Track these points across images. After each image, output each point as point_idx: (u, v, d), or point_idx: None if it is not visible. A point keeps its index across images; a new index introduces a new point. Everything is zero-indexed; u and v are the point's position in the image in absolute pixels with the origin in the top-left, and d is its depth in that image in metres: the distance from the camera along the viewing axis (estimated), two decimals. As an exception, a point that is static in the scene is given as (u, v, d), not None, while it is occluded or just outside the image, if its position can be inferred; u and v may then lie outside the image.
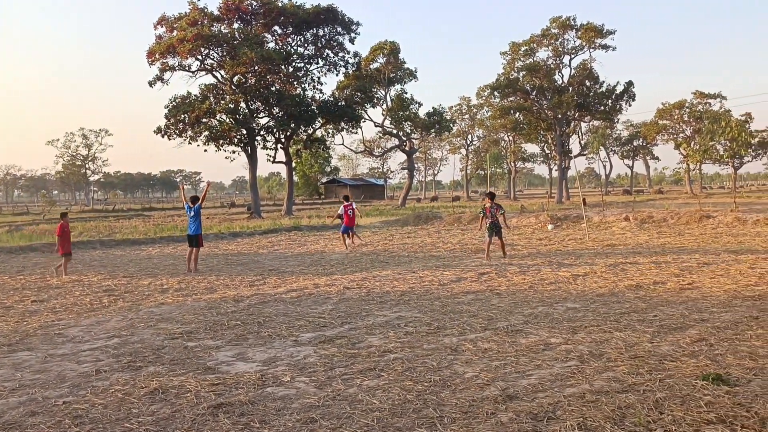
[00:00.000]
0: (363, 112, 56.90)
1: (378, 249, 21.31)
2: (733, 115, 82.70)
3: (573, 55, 68.78)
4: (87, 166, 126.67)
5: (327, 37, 49.00)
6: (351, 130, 55.56)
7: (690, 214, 28.53)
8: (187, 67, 46.08)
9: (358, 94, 54.65)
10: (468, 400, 5.84)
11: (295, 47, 48.79)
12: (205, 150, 47.00)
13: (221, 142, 45.81)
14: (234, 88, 45.33)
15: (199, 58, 45.24)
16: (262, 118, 48.25)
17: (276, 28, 47.81)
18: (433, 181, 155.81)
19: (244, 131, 46.48)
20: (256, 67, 43.69)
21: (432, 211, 41.88)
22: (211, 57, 45.79)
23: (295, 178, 70.22)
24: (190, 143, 45.82)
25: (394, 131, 64.82)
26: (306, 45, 49.12)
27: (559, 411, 5.51)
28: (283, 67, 45.70)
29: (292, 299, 11.54)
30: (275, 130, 48.27)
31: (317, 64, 49.88)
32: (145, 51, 45.28)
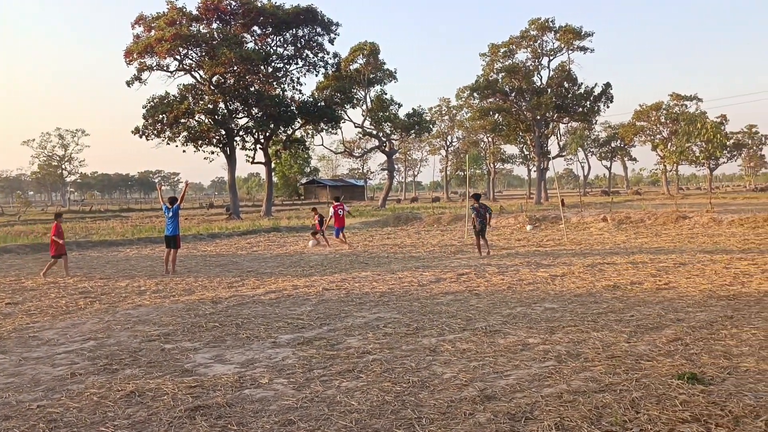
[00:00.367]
0: (343, 112, 56.83)
1: (358, 250, 21.30)
2: (709, 117, 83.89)
3: (551, 57, 69.32)
4: (63, 167, 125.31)
5: (306, 37, 48.85)
6: (331, 130, 55.46)
7: (667, 214, 28.85)
8: (165, 67, 45.73)
9: (338, 94, 54.59)
10: (446, 401, 5.85)
11: (274, 47, 48.59)
12: (184, 151, 46.82)
13: (200, 142, 45.49)
14: (213, 88, 45.05)
15: (178, 58, 44.88)
16: (241, 118, 48.01)
17: (255, 28, 47.59)
18: (413, 182, 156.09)
19: (223, 132, 46.21)
20: (235, 68, 43.47)
21: (412, 211, 41.98)
22: (190, 57, 45.47)
23: (274, 179, 69.92)
24: (169, 144, 45.44)
25: (374, 132, 64.88)
26: (285, 45, 48.94)
27: (537, 411, 5.54)
28: (262, 67, 45.51)
29: (271, 301, 11.49)
30: (254, 131, 48.04)
31: (297, 64, 49.72)
32: (123, 50, 44.91)
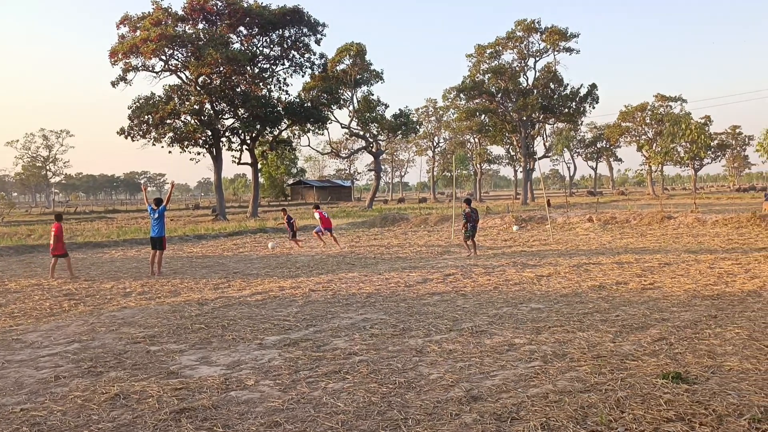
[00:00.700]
0: (329, 113, 56.83)
1: (344, 251, 21.28)
2: (693, 117, 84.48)
3: (537, 58, 69.67)
4: (48, 168, 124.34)
5: (293, 38, 48.73)
6: (317, 131, 55.35)
7: (652, 215, 29.02)
8: (150, 68, 45.47)
9: (325, 95, 54.58)
10: (433, 402, 5.86)
11: (260, 48, 48.43)
12: (170, 151, 46.52)
13: (186, 143, 45.29)
14: (199, 89, 44.85)
15: (163, 58, 44.64)
16: (227, 119, 47.83)
17: (241, 28, 47.42)
18: (400, 182, 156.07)
19: (209, 132, 46.00)
20: (221, 68, 43.31)
21: (399, 212, 41.99)
22: (176, 57, 45.23)
23: (260, 180, 69.81)
24: (155, 145, 45.26)
25: (361, 133, 64.89)
26: (272, 46, 48.79)
27: (523, 411, 5.55)
28: (248, 68, 45.36)
29: (257, 302, 11.46)
30: (240, 132, 47.86)
31: (283, 65, 49.57)
32: (108, 50, 44.63)
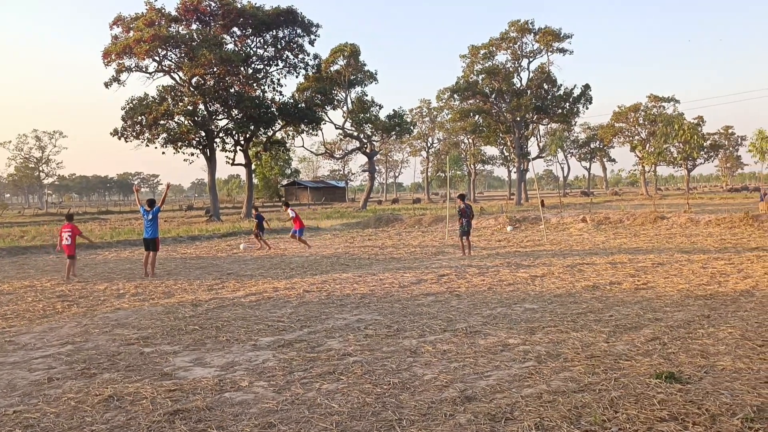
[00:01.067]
0: (323, 114, 56.79)
1: (338, 252, 21.28)
2: (686, 118, 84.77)
3: (531, 59, 69.79)
4: (41, 169, 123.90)
5: (287, 38, 48.72)
6: (311, 132, 55.40)
7: (645, 215, 29.11)
8: (144, 69, 45.44)
9: (319, 96, 54.58)
10: (427, 402, 5.86)
11: (254, 49, 48.41)
12: (163, 152, 46.56)
13: (179, 144, 45.23)
14: (192, 89, 44.78)
15: (157, 59, 44.59)
16: (221, 120, 47.79)
17: (235, 29, 47.39)
18: (394, 183, 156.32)
19: (203, 133, 45.97)
20: (215, 69, 43.26)
21: (393, 213, 42.00)
22: (169, 58, 45.20)
23: (254, 181, 69.68)
24: (148, 145, 45.16)
25: (355, 133, 64.92)
26: (265, 47, 48.78)
27: (517, 411, 5.56)
28: (242, 68, 45.33)
29: (251, 303, 11.45)
30: (234, 132, 47.82)
31: (277, 65, 49.56)
32: (101, 51, 44.51)
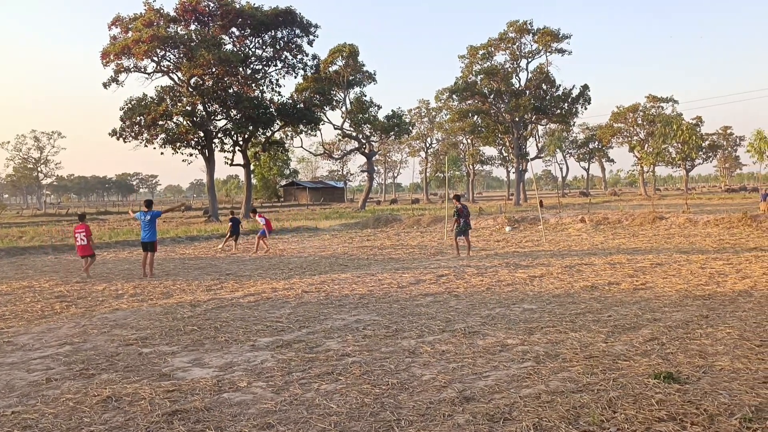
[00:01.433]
0: (322, 114, 56.79)
1: (337, 252, 21.28)
2: (685, 118, 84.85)
3: (530, 59, 69.75)
4: (39, 169, 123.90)
5: (285, 39, 48.72)
6: (310, 132, 55.36)
7: (644, 215, 29.13)
8: (142, 69, 45.41)
9: (317, 96, 54.57)
10: (425, 403, 5.86)
11: (252, 49, 48.41)
12: (162, 153, 46.48)
13: (178, 144, 45.21)
14: (191, 90, 44.75)
15: (155, 59, 44.55)
16: (219, 120, 47.78)
17: (233, 29, 47.38)
18: (393, 183, 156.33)
19: (202, 134, 45.93)
20: (214, 69, 43.23)
21: (391, 213, 41.99)
22: (168, 58, 45.16)
23: (253, 181, 69.69)
24: (147, 146, 45.13)
25: (354, 134, 64.90)
26: (264, 47, 48.78)
27: (515, 412, 5.56)
28: (240, 69, 45.30)
29: (250, 304, 11.44)
30: (233, 133, 47.80)
31: (275, 66, 49.54)
32: (100, 51, 44.49)
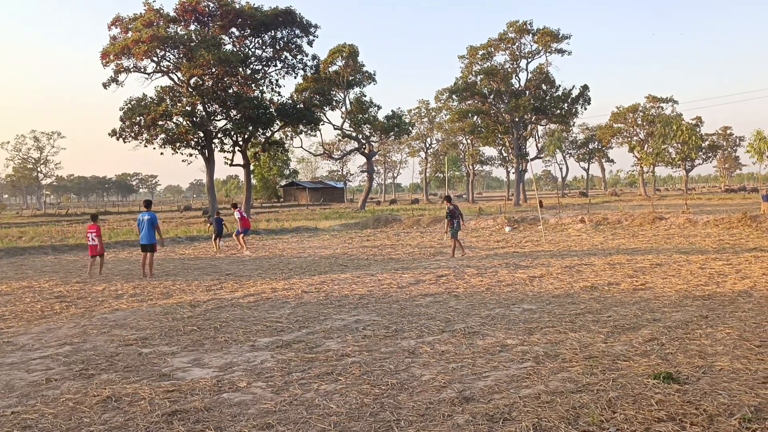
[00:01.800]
0: (322, 114, 56.81)
1: (337, 252, 21.28)
2: (684, 118, 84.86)
3: (530, 59, 69.77)
4: (39, 170, 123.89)
5: (285, 39, 48.69)
6: (310, 132, 55.35)
7: (643, 216, 29.13)
8: (142, 69, 45.38)
9: (317, 96, 54.59)
10: (425, 403, 5.86)
11: (252, 49, 48.38)
12: (162, 153, 46.48)
13: (178, 144, 45.16)
14: (191, 90, 44.72)
15: (155, 59, 44.50)
16: (219, 120, 47.74)
17: (233, 30, 47.36)
18: (393, 183, 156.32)
19: (201, 134, 45.90)
20: (213, 69, 43.20)
21: (391, 213, 41.99)
22: (167, 59, 45.13)
23: (253, 182, 69.72)
24: (146, 146, 45.09)
25: (354, 134, 64.93)
26: (264, 47, 48.76)
27: (515, 412, 5.56)
28: (240, 69, 45.27)
29: (250, 304, 11.44)
30: (233, 133, 47.77)
31: (275, 66, 49.51)
32: (99, 52, 44.47)
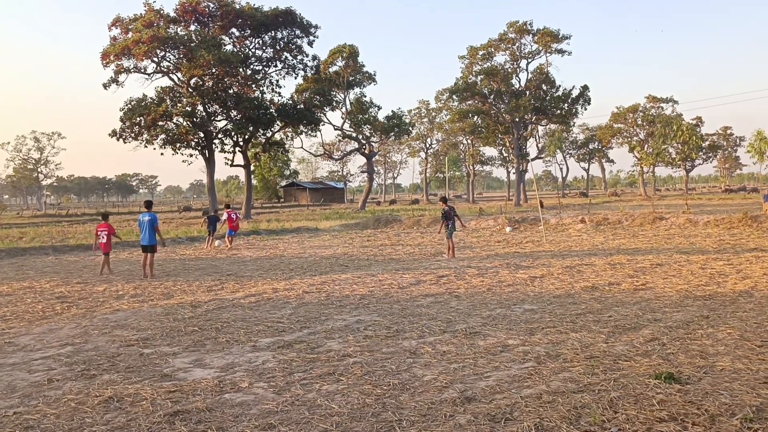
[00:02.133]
0: (322, 115, 56.82)
1: (337, 253, 21.28)
2: (685, 119, 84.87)
3: (530, 60, 69.77)
4: (39, 170, 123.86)
5: (285, 39, 48.76)
6: (310, 133, 55.45)
7: (644, 216, 29.12)
8: (142, 70, 45.45)
9: (317, 97, 54.60)
10: (427, 403, 5.86)
11: (253, 50, 48.46)
12: (162, 153, 46.56)
13: (178, 145, 45.25)
14: (191, 90, 44.79)
15: (155, 60, 44.59)
16: (219, 121, 47.83)
17: (234, 30, 47.43)
18: (393, 184, 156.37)
19: (202, 134, 45.97)
20: (214, 70, 43.26)
21: (391, 214, 41.95)
22: (168, 59, 45.21)
23: (253, 182, 69.71)
24: (146, 146, 45.18)
25: (354, 134, 64.91)
26: (264, 48, 48.83)
27: (516, 412, 5.56)
28: (240, 69, 45.33)
29: (251, 304, 11.44)
30: (233, 133, 47.83)
31: (275, 67, 49.61)
32: (100, 52, 44.52)
